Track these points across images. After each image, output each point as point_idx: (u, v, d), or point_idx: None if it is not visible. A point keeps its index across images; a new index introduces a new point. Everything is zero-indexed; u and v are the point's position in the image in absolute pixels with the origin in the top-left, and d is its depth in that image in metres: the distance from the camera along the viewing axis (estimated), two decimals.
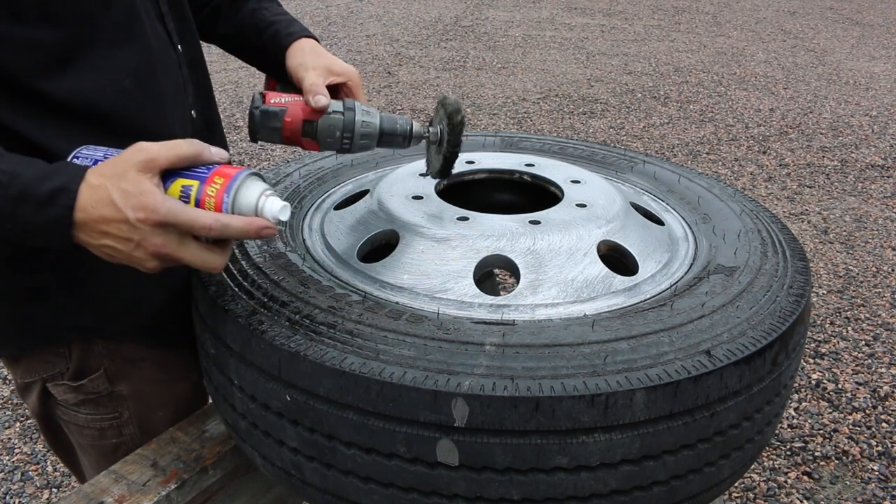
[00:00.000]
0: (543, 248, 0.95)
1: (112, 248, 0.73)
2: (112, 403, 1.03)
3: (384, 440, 0.78)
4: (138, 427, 1.05)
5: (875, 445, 2.17)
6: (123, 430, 1.05)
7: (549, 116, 4.87)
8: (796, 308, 0.91)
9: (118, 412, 1.04)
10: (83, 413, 1.03)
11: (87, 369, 0.99)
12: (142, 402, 1.04)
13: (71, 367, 0.99)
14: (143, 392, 1.04)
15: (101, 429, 1.04)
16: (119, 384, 1.02)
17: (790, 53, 6.63)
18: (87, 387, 1.00)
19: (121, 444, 1.05)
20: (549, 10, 8.25)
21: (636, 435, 0.77)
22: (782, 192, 3.83)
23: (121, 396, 1.03)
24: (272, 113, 0.95)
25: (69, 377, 1.00)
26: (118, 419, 1.04)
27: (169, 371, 1.06)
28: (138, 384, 1.03)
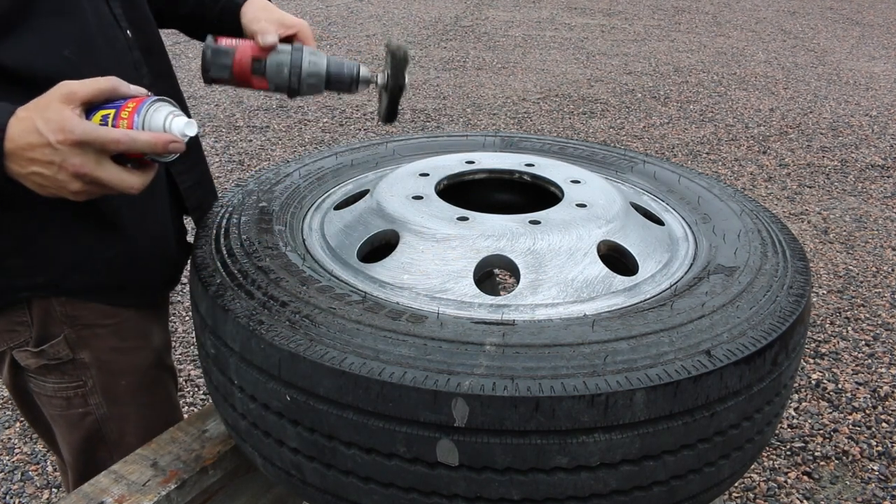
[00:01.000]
0: (543, 248, 0.95)
1: (39, 174, 0.80)
2: (76, 371, 1.06)
3: (384, 440, 0.78)
4: (103, 396, 1.09)
5: (875, 445, 2.17)
6: (89, 398, 1.08)
7: (549, 116, 4.87)
8: (796, 308, 0.91)
9: (82, 381, 1.07)
10: (50, 382, 1.07)
11: (47, 335, 1.03)
12: (103, 370, 1.08)
13: (33, 335, 1.03)
14: (103, 360, 1.08)
15: (68, 398, 1.08)
16: (80, 352, 1.06)
17: (790, 53, 6.63)
18: (48, 352, 1.04)
19: (87, 414, 1.09)
20: (549, 10, 8.25)
21: (636, 435, 0.77)
22: (782, 192, 3.83)
23: (83, 364, 1.06)
24: (223, 51, 1.02)
25: (32, 344, 1.04)
26: (83, 387, 1.08)
27: (127, 339, 1.09)
28: (98, 352, 1.07)
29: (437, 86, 5.45)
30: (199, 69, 1.04)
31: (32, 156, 0.79)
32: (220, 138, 4.39)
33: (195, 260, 1.00)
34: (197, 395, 2.35)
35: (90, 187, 0.82)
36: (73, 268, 1.02)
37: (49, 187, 0.81)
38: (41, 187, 0.81)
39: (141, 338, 1.11)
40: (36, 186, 0.81)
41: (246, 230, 1.04)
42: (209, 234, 1.05)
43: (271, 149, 4.25)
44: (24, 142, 0.78)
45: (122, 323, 1.08)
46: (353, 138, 4.43)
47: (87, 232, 1.01)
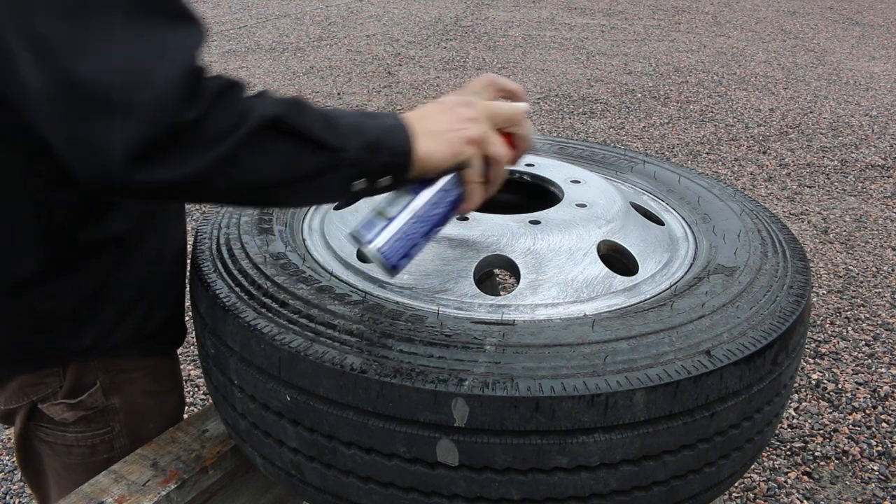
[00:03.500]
0: (543, 248, 0.95)
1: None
2: (104, 418, 1.01)
3: (384, 440, 0.78)
4: (128, 439, 1.04)
5: (875, 445, 2.17)
6: (115, 443, 1.03)
7: (549, 116, 4.87)
8: (796, 308, 0.91)
9: (110, 426, 1.02)
10: (72, 432, 1.00)
11: (82, 385, 0.97)
12: (134, 413, 1.03)
13: (65, 386, 0.97)
14: (135, 404, 1.03)
15: (92, 445, 1.02)
16: (112, 397, 1.00)
17: (790, 53, 6.63)
18: (85, 402, 0.98)
19: (112, 459, 1.03)
20: (549, 10, 8.25)
21: (636, 435, 0.77)
22: (782, 192, 3.83)
23: (113, 410, 1.01)
24: None
25: (64, 395, 0.97)
26: (110, 433, 1.02)
27: (160, 382, 1.06)
28: (131, 396, 1.02)
29: (437, 86, 5.45)
30: None
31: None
32: None
33: (195, 260, 1.00)
34: (197, 395, 2.35)
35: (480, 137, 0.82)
36: (119, 325, 0.97)
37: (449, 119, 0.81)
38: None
39: (172, 380, 1.09)
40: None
41: (246, 230, 1.04)
42: (209, 234, 1.05)
43: None
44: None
45: (157, 366, 1.05)
46: None
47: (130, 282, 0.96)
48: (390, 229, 0.81)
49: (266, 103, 0.70)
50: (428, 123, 0.79)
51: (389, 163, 0.76)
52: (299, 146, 0.71)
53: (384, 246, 0.81)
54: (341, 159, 0.73)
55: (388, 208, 0.82)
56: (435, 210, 0.83)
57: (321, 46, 6.52)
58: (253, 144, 0.68)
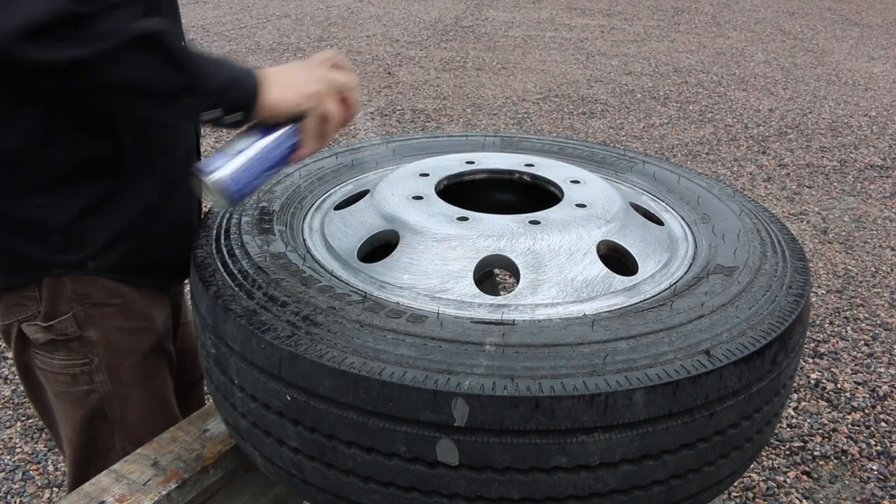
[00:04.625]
0: (543, 248, 0.95)
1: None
2: (83, 349, 1.09)
3: (384, 440, 0.78)
4: (108, 374, 1.11)
5: (874, 445, 2.17)
6: (94, 376, 1.10)
7: (548, 116, 4.88)
8: (795, 308, 0.91)
9: (88, 358, 1.09)
10: (57, 359, 1.10)
11: (56, 311, 1.06)
12: (109, 349, 1.10)
13: (42, 310, 1.06)
14: (109, 339, 1.10)
15: (74, 375, 1.10)
16: (88, 329, 1.08)
17: (789, 54, 6.63)
18: (56, 328, 1.07)
19: (92, 391, 1.11)
20: (549, 11, 8.25)
21: (636, 434, 0.77)
22: (781, 193, 3.84)
23: (90, 342, 1.09)
24: None
25: (41, 318, 1.07)
26: (89, 365, 1.10)
27: (132, 319, 1.11)
28: (105, 330, 1.09)
29: (437, 86, 5.45)
30: None
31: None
32: (220, 139, 4.39)
33: (195, 260, 1.01)
34: None
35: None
36: (108, 246, 1.05)
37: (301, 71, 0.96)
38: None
39: (145, 319, 1.13)
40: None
41: (246, 230, 1.04)
42: (209, 234, 1.05)
43: None
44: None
45: (129, 303, 1.10)
46: (354, 139, 4.43)
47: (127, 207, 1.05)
48: (234, 162, 0.92)
49: (151, 22, 0.85)
50: (282, 77, 0.94)
51: (241, 98, 0.90)
52: (167, 64, 0.85)
53: (224, 178, 0.90)
54: (201, 85, 0.87)
55: (234, 145, 0.93)
56: (275, 151, 0.95)
57: (321, 47, 6.52)
58: (130, 49, 0.82)
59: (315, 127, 0.96)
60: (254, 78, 0.91)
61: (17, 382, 2.36)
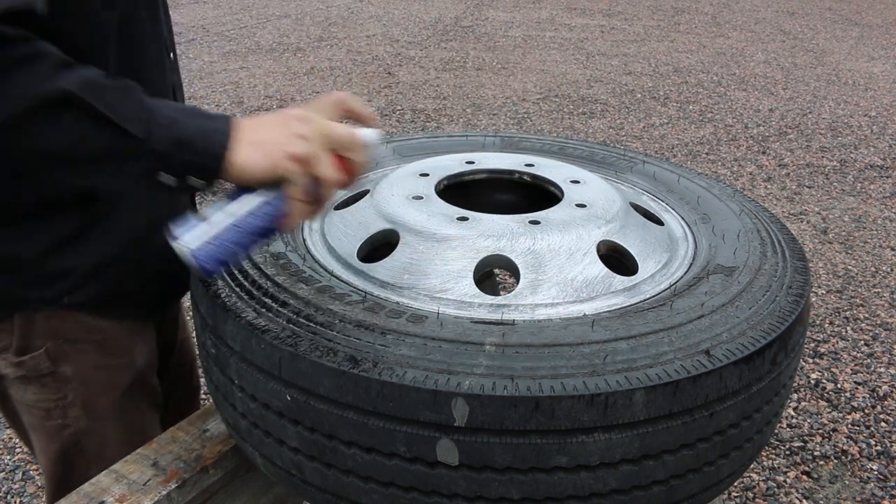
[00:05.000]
0: (543, 248, 0.95)
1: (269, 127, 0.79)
2: (56, 384, 1.04)
3: (384, 440, 0.78)
4: (83, 410, 1.06)
5: (874, 445, 2.17)
6: (68, 411, 1.05)
7: (548, 116, 4.88)
8: (795, 308, 0.91)
9: (63, 393, 1.04)
10: (31, 393, 1.05)
11: (28, 346, 1.01)
12: (85, 385, 1.05)
13: (14, 344, 1.01)
14: (86, 376, 1.05)
15: (47, 409, 1.06)
16: (62, 365, 1.03)
17: (789, 54, 6.63)
18: (27, 364, 1.02)
19: (66, 426, 1.06)
20: (549, 11, 8.25)
21: (636, 435, 0.77)
22: (781, 192, 3.84)
23: (64, 377, 1.03)
24: None
25: (13, 352, 1.01)
26: (63, 400, 1.05)
27: (110, 355, 1.07)
28: (81, 366, 1.04)
29: (437, 86, 5.45)
30: None
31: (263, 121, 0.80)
32: None
33: None
34: None
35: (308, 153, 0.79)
36: (85, 280, 1.00)
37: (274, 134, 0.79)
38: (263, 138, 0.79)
39: (125, 354, 1.09)
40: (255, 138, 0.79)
41: None
42: None
43: None
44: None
45: (107, 339, 1.06)
46: None
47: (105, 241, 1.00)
48: (203, 230, 0.79)
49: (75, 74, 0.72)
50: (257, 132, 0.78)
51: (196, 162, 0.76)
52: (96, 126, 0.72)
53: (195, 247, 0.78)
54: (142, 148, 0.74)
55: (207, 210, 0.80)
56: (253, 220, 0.80)
57: (321, 47, 6.52)
58: (47, 114, 0.70)
59: (301, 193, 0.79)
60: (221, 135, 0.77)
61: None
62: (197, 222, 0.79)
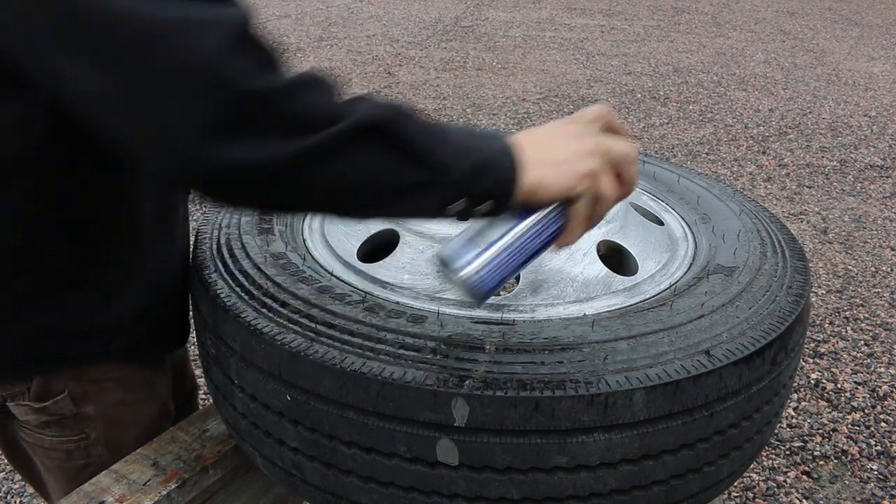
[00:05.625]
0: None
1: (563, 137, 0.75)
2: (78, 425, 0.99)
3: (384, 440, 0.78)
4: (106, 447, 1.02)
5: (874, 445, 2.17)
6: (91, 450, 1.02)
7: (548, 116, 4.88)
8: (795, 308, 0.91)
9: (85, 433, 1.00)
10: (48, 435, 0.99)
11: (49, 392, 0.96)
12: (109, 422, 1.01)
13: (32, 389, 0.95)
14: (109, 413, 1.01)
15: (68, 451, 1.01)
16: (84, 405, 0.98)
17: (789, 54, 6.63)
18: (50, 408, 0.96)
19: (89, 465, 1.02)
20: (549, 11, 8.25)
21: (636, 434, 0.77)
22: (781, 192, 3.84)
23: (87, 417, 0.99)
24: None
25: (31, 398, 0.95)
26: (85, 440, 1.00)
27: (133, 391, 1.04)
28: (104, 406, 1.00)
29: (437, 86, 5.45)
30: None
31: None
32: None
33: (195, 260, 1.01)
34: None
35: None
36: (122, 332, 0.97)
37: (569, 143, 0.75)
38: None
39: (147, 389, 1.06)
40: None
41: (247, 230, 1.04)
42: (210, 234, 1.05)
43: None
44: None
45: (129, 374, 1.02)
46: None
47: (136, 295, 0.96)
48: (484, 258, 0.75)
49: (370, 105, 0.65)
50: (542, 151, 0.73)
51: (494, 188, 0.71)
52: (402, 157, 0.66)
53: (475, 276, 0.75)
54: (444, 178, 0.68)
55: (485, 235, 0.76)
56: (533, 242, 0.77)
57: (321, 47, 6.52)
58: (354, 144, 0.64)
59: (587, 210, 0.75)
60: (509, 156, 0.71)
61: None
62: (474, 249, 0.75)
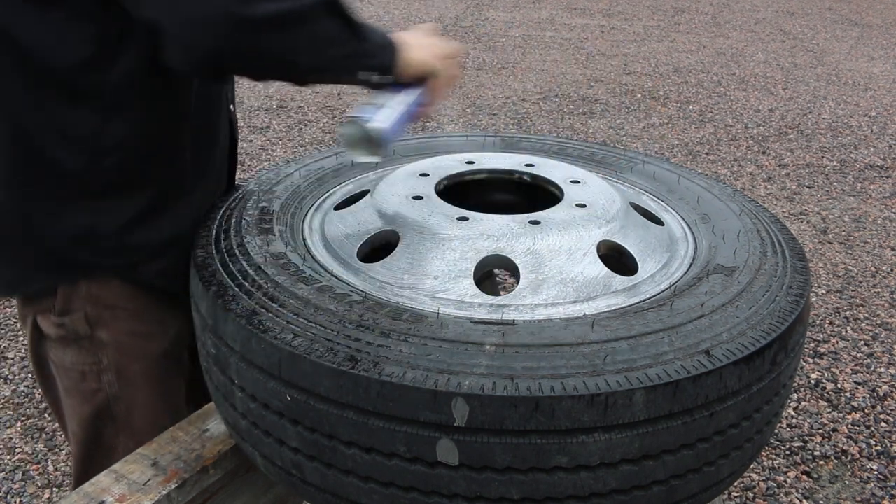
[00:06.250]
0: (543, 248, 0.95)
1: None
2: (93, 348, 1.10)
3: (384, 440, 0.78)
4: (116, 375, 1.12)
5: (874, 445, 2.17)
6: (102, 376, 1.11)
7: (548, 116, 4.88)
8: (795, 308, 0.91)
9: (98, 357, 1.10)
10: (68, 355, 1.11)
11: (68, 309, 1.07)
12: (119, 351, 1.11)
13: (56, 305, 1.07)
14: (120, 342, 1.10)
15: (83, 372, 1.11)
16: (99, 330, 1.09)
17: (789, 54, 6.63)
18: (66, 325, 1.08)
19: (99, 390, 1.12)
20: (549, 11, 8.25)
21: (636, 435, 0.77)
22: (781, 192, 3.84)
23: (100, 342, 1.09)
24: None
25: (55, 313, 1.08)
26: (98, 365, 1.11)
27: (144, 324, 1.12)
28: (116, 333, 1.10)
29: None
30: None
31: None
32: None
33: (195, 260, 1.01)
34: None
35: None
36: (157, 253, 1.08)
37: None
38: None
39: (158, 324, 1.13)
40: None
41: (246, 230, 1.04)
42: (209, 234, 1.05)
43: (271, 149, 4.25)
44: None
45: (142, 307, 1.11)
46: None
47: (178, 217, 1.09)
48: (386, 112, 1.00)
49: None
50: (414, 40, 1.03)
51: (391, 61, 0.99)
52: (349, 30, 0.93)
53: (384, 124, 0.98)
54: (366, 50, 0.96)
55: (379, 100, 1.01)
56: (412, 107, 1.04)
57: None
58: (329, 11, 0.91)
59: (443, 85, 1.07)
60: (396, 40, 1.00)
61: (16, 382, 2.36)
62: (377, 109, 1.00)
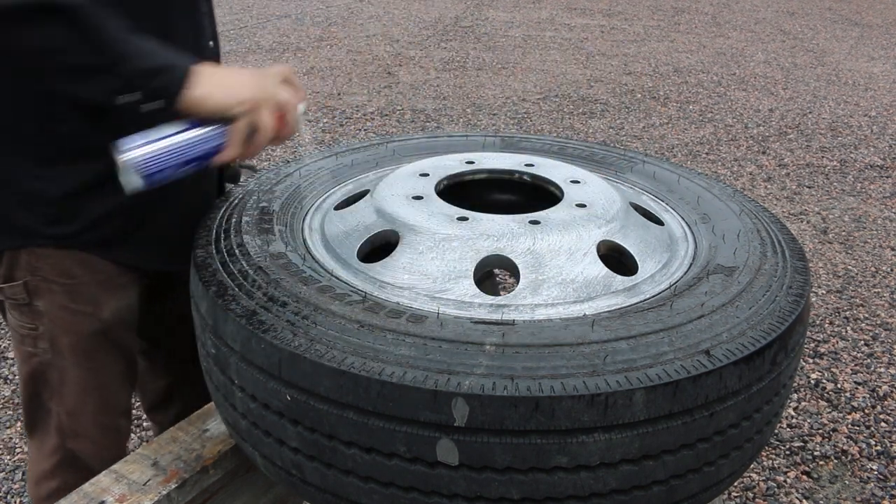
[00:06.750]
0: (543, 248, 0.95)
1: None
2: (31, 315, 1.14)
3: (384, 440, 0.78)
4: (49, 344, 1.15)
5: (874, 445, 2.17)
6: (38, 342, 1.15)
7: (548, 116, 4.88)
8: (795, 308, 0.91)
9: (35, 324, 1.14)
10: (13, 317, 1.16)
11: (11, 276, 1.12)
12: (53, 322, 1.14)
13: (1, 272, 1.12)
14: (53, 314, 1.13)
15: (23, 335, 1.16)
16: (37, 299, 1.12)
17: (789, 54, 6.63)
18: (7, 291, 1.13)
19: (34, 355, 1.16)
20: (549, 11, 8.25)
21: (636, 435, 0.77)
22: (781, 192, 3.84)
23: (38, 311, 1.13)
24: None
25: (0, 279, 1.13)
26: (34, 331, 1.15)
27: (76, 302, 1.13)
28: (51, 305, 1.13)
29: (437, 86, 5.45)
30: None
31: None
32: None
33: (195, 260, 1.01)
34: None
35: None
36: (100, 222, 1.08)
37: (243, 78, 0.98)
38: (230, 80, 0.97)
39: (90, 304, 1.15)
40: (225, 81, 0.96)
41: (246, 230, 1.04)
42: (209, 234, 1.05)
43: (271, 149, 4.25)
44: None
45: (77, 286, 1.12)
46: (354, 138, 4.43)
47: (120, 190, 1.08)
48: (152, 147, 0.92)
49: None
50: (217, 76, 0.95)
51: (163, 87, 0.91)
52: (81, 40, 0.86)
53: (140, 157, 0.91)
54: (119, 69, 0.88)
55: (155, 132, 0.93)
56: (195, 148, 0.95)
57: (321, 47, 6.52)
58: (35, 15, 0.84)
59: (242, 133, 0.96)
60: (185, 69, 0.92)
61: (17, 382, 2.36)
62: (141, 140, 0.92)
